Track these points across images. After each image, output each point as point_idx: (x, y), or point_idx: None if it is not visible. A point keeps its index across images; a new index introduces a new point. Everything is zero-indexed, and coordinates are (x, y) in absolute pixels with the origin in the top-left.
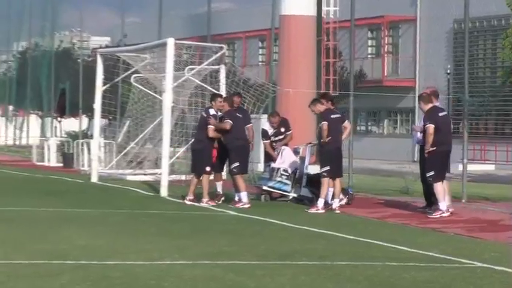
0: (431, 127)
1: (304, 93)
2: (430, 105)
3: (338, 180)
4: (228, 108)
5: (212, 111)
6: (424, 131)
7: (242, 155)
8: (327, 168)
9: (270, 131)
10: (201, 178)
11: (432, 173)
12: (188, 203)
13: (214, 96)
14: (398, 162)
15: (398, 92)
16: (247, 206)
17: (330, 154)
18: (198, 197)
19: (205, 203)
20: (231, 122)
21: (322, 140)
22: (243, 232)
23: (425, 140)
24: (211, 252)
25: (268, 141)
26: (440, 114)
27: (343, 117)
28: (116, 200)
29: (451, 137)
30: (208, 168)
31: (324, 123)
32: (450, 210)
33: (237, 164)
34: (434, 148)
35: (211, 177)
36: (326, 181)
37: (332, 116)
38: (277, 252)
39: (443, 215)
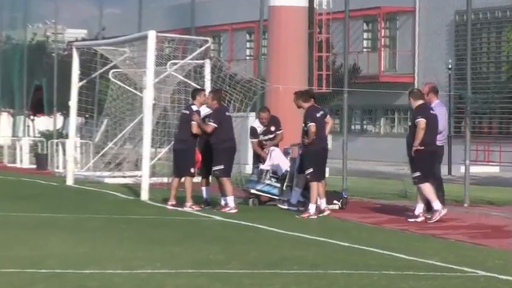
0: (422, 121)
1: (295, 89)
2: (420, 101)
3: (321, 182)
4: (216, 105)
5: (195, 108)
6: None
7: (227, 158)
8: (311, 170)
9: (259, 129)
10: (183, 180)
11: (418, 173)
12: (170, 207)
13: (196, 92)
14: (395, 163)
15: (396, 88)
16: (234, 211)
17: (315, 155)
18: (180, 201)
19: (189, 207)
20: (214, 125)
21: (307, 141)
22: (230, 239)
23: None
24: (195, 260)
25: (257, 140)
26: (431, 112)
27: (325, 114)
28: (93, 204)
29: (436, 138)
30: (192, 170)
31: (312, 125)
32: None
33: (221, 166)
34: (422, 147)
35: (196, 180)
36: (314, 185)
37: (318, 115)
38: (267, 260)
39: (442, 213)
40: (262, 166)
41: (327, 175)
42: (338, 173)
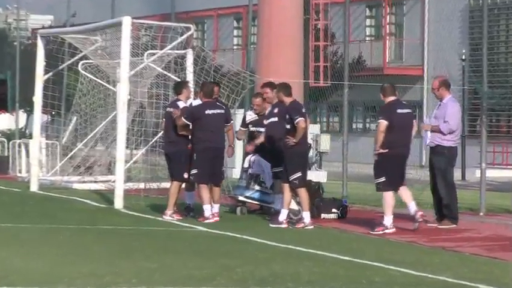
0: (383, 123)
1: (290, 83)
2: (392, 98)
3: (302, 190)
4: (204, 99)
5: (181, 104)
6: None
7: (203, 161)
8: (299, 174)
9: (251, 117)
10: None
11: (382, 179)
12: (167, 218)
13: (181, 85)
14: None
15: (403, 82)
16: (211, 221)
17: (303, 157)
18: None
19: (169, 216)
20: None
21: (294, 140)
22: (215, 252)
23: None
24: (176, 276)
25: (246, 129)
26: (399, 110)
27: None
28: (60, 213)
29: (410, 140)
30: (186, 175)
31: (301, 120)
32: (416, 224)
33: (194, 171)
34: (386, 150)
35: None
36: (302, 191)
37: (304, 110)
38: (256, 276)
39: (387, 231)
40: (251, 170)
41: (324, 180)
42: (337, 177)
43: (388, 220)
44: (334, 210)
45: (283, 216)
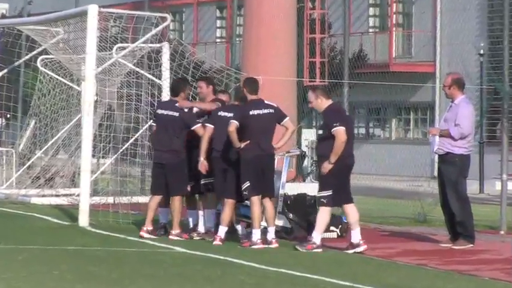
0: (341, 131)
1: (281, 82)
2: (330, 101)
3: (266, 200)
4: (250, 96)
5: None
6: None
7: (253, 172)
8: (247, 184)
9: None
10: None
11: (329, 192)
12: (145, 235)
13: (182, 84)
14: (411, 178)
15: (411, 80)
16: (260, 246)
17: (247, 164)
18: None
19: (175, 235)
20: (210, 126)
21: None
22: (195, 277)
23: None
24: None
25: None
26: (347, 114)
27: (277, 114)
28: (16, 231)
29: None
30: (189, 188)
31: (233, 123)
32: (359, 249)
33: (246, 183)
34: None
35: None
36: (254, 201)
37: (254, 112)
38: None
39: (316, 250)
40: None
41: None
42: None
43: (318, 237)
44: (332, 228)
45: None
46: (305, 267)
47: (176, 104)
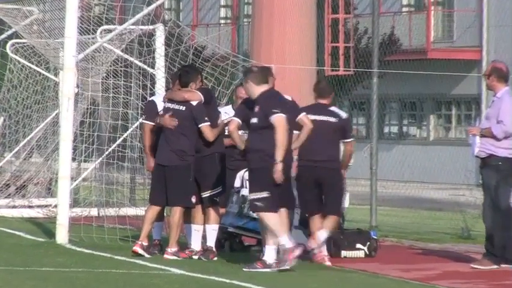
0: (281, 119)
1: (297, 71)
2: (266, 86)
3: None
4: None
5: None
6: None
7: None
8: (265, 195)
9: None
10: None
11: (265, 195)
12: (139, 251)
13: (192, 74)
14: (452, 186)
15: (453, 69)
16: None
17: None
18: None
19: (172, 254)
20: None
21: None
22: None
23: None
24: None
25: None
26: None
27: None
28: None
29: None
30: (194, 199)
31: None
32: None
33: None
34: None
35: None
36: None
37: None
38: None
39: (266, 269)
40: (244, 191)
41: (346, 204)
42: (363, 201)
43: (271, 254)
44: (359, 245)
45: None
46: None
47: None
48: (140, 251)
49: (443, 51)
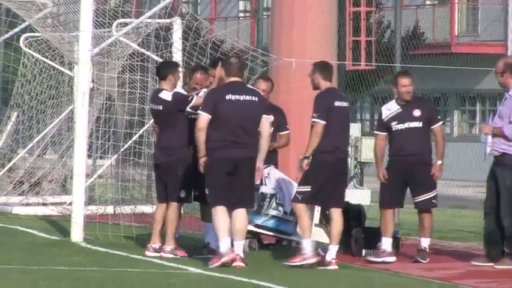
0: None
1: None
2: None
3: (336, 211)
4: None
5: (166, 95)
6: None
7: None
8: (308, 189)
9: None
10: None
11: (308, 188)
12: (151, 253)
13: (168, 69)
14: (477, 183)
15: (478, 64)
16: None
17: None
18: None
19: (169, 252)
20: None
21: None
22: None
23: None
24: None
25: None
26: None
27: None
28: None
29: None
30: (182, 194)
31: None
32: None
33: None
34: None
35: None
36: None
37: (337, 104)
38: None
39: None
40: (264, 188)
41: (367, 202)
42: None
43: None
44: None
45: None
46: None
47: (160, 94)
48: (151, 254)
49: (468, 45)
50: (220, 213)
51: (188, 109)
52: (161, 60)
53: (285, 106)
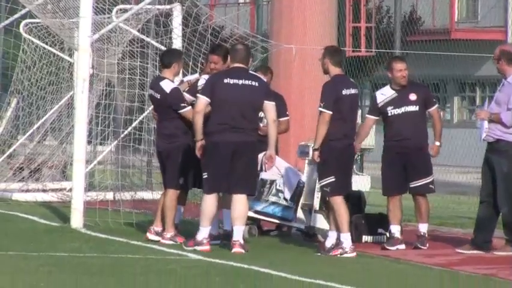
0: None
1: (318, 52)
2: (237, 64)
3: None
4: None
5: (168, 85)
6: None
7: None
8: (331, 180)
9: None
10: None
11: (332, 179)
12: (152, 237)
13: (171, 56)
14: (476, 170)
15: (477, 50)
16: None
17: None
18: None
19: (169, 238)
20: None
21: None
22: None
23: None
24: None
25: None
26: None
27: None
28: None
29: None
30: (180, 181)
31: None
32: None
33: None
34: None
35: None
36: (339, 203)
37: (346, 92)
38: None
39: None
40: (264, 174)
41: (367, 188)
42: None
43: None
44: (381, 230)
45: (347, 242)
46: (348, 278)
47: (161, 83)
48: (152, 237)
49: (467, 31)
50: (209, 201)
51: (188, 96)
52: (162, 46)
53: (285, 92)
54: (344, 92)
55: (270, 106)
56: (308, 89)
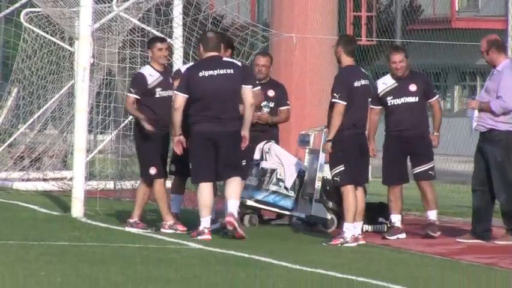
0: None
1: (318, 41)
2: (211, 53)
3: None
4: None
5: (149, 71)
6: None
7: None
8: (341, 169)
9: None
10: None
11: (341, 168)
12: (167, 231)
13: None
14: None
15: (478, 39)
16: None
17: (345, 145)
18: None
19: (169, 227)
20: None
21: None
22: (214, 280)
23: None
24: None
25: None
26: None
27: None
28: None
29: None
30: (153, 171)
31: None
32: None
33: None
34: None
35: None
36: (349, 193)
37: (358, 84)
38: None
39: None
40: (264, 164)
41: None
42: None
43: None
44: (381, 219)
45: (348, 232)
46: (348, 268)
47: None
48: (167, 232)
49: (468, 20)
50: (205, 190)
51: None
52: (162, 35)
53: (286, 82)
54: (356, 84)
55: (246, 90)
56: (309, 78)
